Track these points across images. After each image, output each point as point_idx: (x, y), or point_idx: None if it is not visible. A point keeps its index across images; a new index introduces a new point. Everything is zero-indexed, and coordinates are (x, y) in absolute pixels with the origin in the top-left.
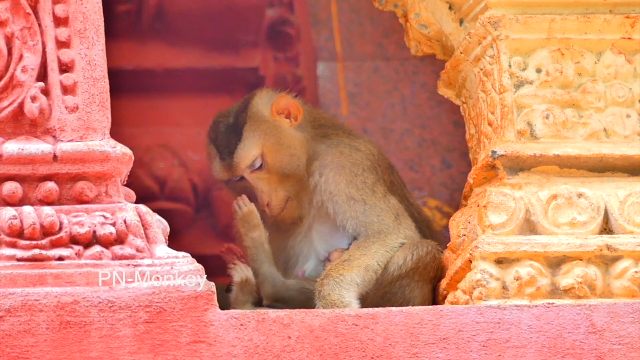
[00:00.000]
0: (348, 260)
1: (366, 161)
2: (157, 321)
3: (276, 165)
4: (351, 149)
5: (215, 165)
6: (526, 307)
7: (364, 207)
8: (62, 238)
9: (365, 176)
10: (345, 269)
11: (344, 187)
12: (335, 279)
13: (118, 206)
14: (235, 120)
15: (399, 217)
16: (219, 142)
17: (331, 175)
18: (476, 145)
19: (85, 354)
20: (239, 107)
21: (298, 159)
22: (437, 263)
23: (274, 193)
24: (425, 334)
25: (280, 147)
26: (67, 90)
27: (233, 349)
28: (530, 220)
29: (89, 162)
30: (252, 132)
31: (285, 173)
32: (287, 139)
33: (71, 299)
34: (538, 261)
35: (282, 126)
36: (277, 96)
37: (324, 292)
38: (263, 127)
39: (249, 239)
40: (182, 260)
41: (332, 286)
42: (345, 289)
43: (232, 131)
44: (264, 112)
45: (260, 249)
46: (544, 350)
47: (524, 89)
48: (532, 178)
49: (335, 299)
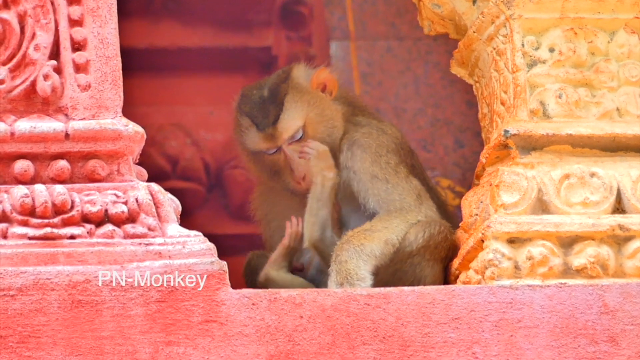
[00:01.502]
0: (370, 230)
1: (391, 144)
2: (168, 300)
3: (316, 137)
4: (378, 130)
5: (251, 136)
6: (538, 287)
7: (387, 186)
8: (74, 217)
9: (389, 157)
10: (366, 239)
11: (369, 166)
12: (356, 247)
13: (130, 185)
14: (273, 92)
15: (420, 197)
16: (255, 113)
17: (358, 153)
18: (489, 124)
19: (96, 333)
20: (276, 80)
21: (337, 131)
22: (449, 243)
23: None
24: (437, 314)
25: (323, 119)
26: (80, 69)
27: (245, 328)
28: (543, 200)
29: (101, 140)
30: (295, 102)
31: (325, 144)
32: (328, 110)
33: (83, 278)
34: (550, 241)
35: (323, 98)
36: (315, 70)
37: (342, 257)
38: (306, 98)
39: (321, 177)
40: (194, 239)
41: (351, 253)
42: (363, 261)
43: (270, 102)
44: (305, 83)
45: (328, 191)
46: (556, 330)
47: (537, 68)
48: (544, 157)
49: (351, 267)
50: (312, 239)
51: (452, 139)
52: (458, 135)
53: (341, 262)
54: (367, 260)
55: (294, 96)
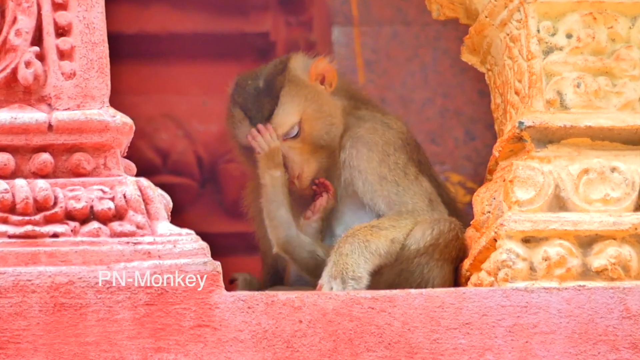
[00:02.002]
0: (377, 227)
1: (397, 140)
2: (158, 303)
3: (313, 135)
4: (383, 125)
5: (244, 130)
6: (555, 289)
7: (397, 189)
8: (57, 213)
9: (397, 156)
10: (372, 235)
11: (376, 166)
12: (360, 242)
13: (117, 180)
14: (268, 84)
15: (432, 201)
16: (249, 106)
17: (364, 151)
18: (502, 115)
19: (80, 338)
20: (272, 70)
21: (336, 128)
22: (460, 242)
23: (306, 164)
24: (447, 319)
25: (321, 115)
26: (64, 56)
27: (240, 333)
28: (560, 197)
29: (86, 132)
30: (291, 97)
31: (320, 144)
32: (327, 106)
33: (66, 279)
34: (568, 240)
35: (321, 92)
36: (313, 60)
37: (344, 249)
38: (303, 92)
39: (269, 178)
40: (185, 237)
41: (354, 247)
42: (365, 258)
43: (265, 95)
44: (303, 76)
45: (280, 190)
46: (574, 336)
47: (554, 55)
48: (562, 151)
49: (350, 262)
50: (279, 242)
51: (463, 130)
52: (469, 126)
53: (341, 255)
54: (369, 259)
55: (291, 90)
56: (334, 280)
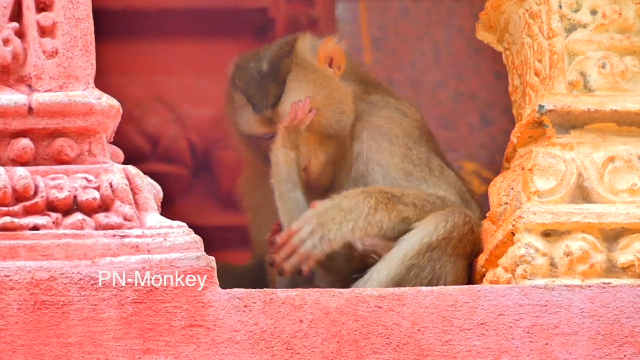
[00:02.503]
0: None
1: (414, 129)
2: (147, 301)
3: (322, 123)
4: (399, 113)
5: (246, 117)
6: (578, 287)
7: (426, 184)
8: (38, 204)
9: (419, 150)
10: (387, 205)
11: (399, 162)
12: (368, 206)
13: (103, 167)
14: (274, 67)
15: (461, 195)
16: (252, 91)
17: (385, 145)
18: (521, 98)
19: (62, 339)
20: (277, 52)
21: (347, 117)
22: (475, 236)
23: (314, 155)
24: (460, 318)
25: (330, 102)
26: (45, 32)
27: (235, 334)
28: (583, 186)
29: (69, 115)
30: (299, 82)
31: (329, 133)
32: (337, 92)
33: (47, 275)
34: (592, 234)
35: (331, 76)
36: (322, 41)
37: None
38: (312, 77)
39: (284, 156)
40: (177, 230)
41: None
42: (356, 226)
43: (270, 80)
44: (311, 59)
45: (295, 171)
46: (598, 337)
47: (577, 33)
48: (585, 137)
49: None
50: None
51: (478, 115)
52: (485, 111)
53: (338, 206)
54: (362, 228)
55: (299, 74)
56: (308, 227)
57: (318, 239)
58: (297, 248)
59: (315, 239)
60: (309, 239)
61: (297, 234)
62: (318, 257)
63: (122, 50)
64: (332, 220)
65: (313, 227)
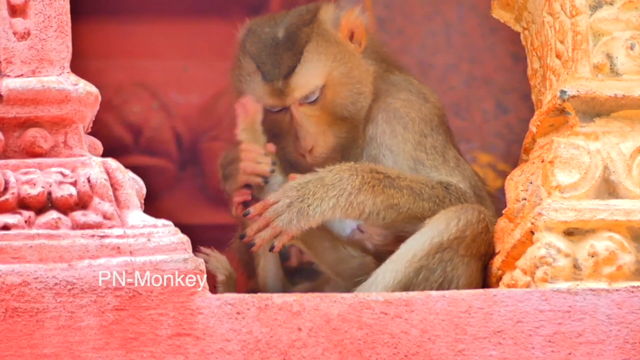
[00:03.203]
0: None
1: (434, 116)
2: (129, 308)
3: (336, 103)
4: (419, 97)
5: (254, 85)
6: (604, 291)
7: (438, 174)
8: (8, 201)
9: (435, 138)
10: (374, 188)
11: (411, 149)
12: (351, 186)
13: (80, 160)
14: (291, 35)
15: (476, 191)
16: (263, 58)
17: (399, 129)
18: (540, 83)
19: (37, 349)
20: (297, 20)
21: (365, 99)
22: (491, 236)
23: (322, 137)
24: (475, 326)
25: (349, 81)
26: (16, 11)
27: (227, 344)
28: (610, 180)
29: (43, 103)
30: (318, 54)
31: (343, 115)
32: (357, 70)
33: (19, 280)
34: (619, 233)
35: (352, 53)
36: (344, 12)
37: (328, 178)
38: (332, 51)
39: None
40: (162, 230)
41: (340, 185)
42: (336, 204)
43: (286, 48)
44: (333, 31)
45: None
46: (626, 346)
47: (603, 11)
48: (612, 126)
49: (319, 197)
50: None
51: (493, 102)
52: (500, 97)
53: (321, 180)
54: (342, 207)
55: (318, 46)
56: (286, 200)
57: (295, 213)
58: (271, 221)
59: (292, 212)
60: (285, 212)
61: (273, 205)
62: (294, 234)
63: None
64: (313, 194)
65: (291, 199)
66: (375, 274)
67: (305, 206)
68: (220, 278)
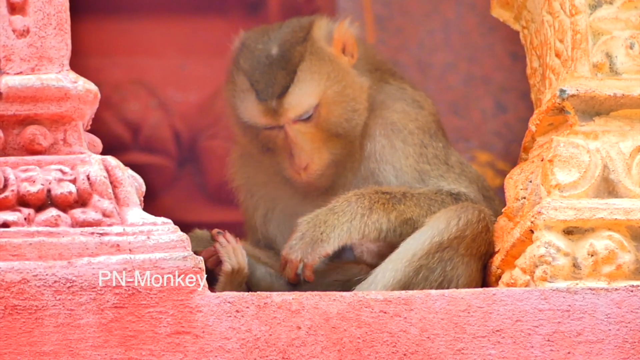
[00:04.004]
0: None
1: (431, 123)
2: (128, 306)
3: (330, 121)
4: (414, 105)
5: (247, 104)
6: (603, 290)
7: (446, 183)
8: (8, 198)
9: (435, 146)
10: (385, 206)
11: (414, 163)
12: (363, 207)
13: (79, 158)
14: (285, 54)
15: (487, 198)
16: (257, 77)
17: (398, 144)
18: (540, 82)
19: (36, 347)
20: (290, 37)
21: (359, 116)
22: (491, 235)
23: (317, 154)
24: (474, 325)
25: (343, 99)
26: (15, 9)
27: (226, 342)
28: (609, 179)
29: (42, 101)
30: (312, 74)
31: (337, 132)
32: (351, 88)
33: (19, 277)
34: (619, 232)
35: (346, 69)
36: (336, 25)
37: (339, 206)
38: (326, 70)
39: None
40: (161, 227)
41: (350, 210)
42: (351, 228)
43: (280, 67)
44: (327, 47)
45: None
46: (625, 345)
47: (602, 10)
48: (611, 125)
49: (330, 224)
50: None
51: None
52: (499, 96)
53: (331, 210)
54: (359, 230)
55: (312, 65)
56: (298, 234)
57: (309, 243)
58: (288, 256)
59: (305, 243)
60: (299, 244)
61: (289, 243)
62: (314, 262)
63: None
64: (324, 223)
65: (303, 232)
66: (374, 272)
67: (318, 234)
68: (226, 268)
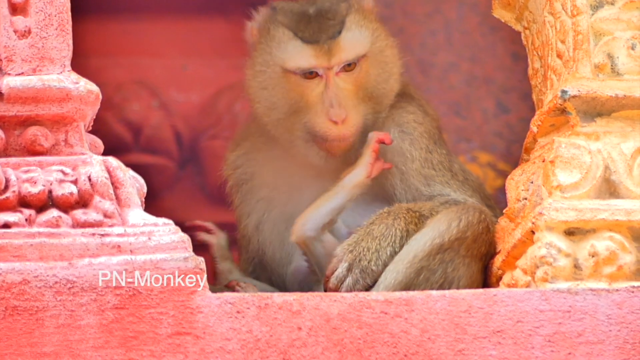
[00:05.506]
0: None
1: (435, 129)
2: (129, 307)
3: (370, 77)
4: (420, 110)
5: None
6: (604, 291)
7: (450, 190)
8: (9, 199)
9: (439, 152)
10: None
11: (419, 167)
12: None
13: (81, 159)
14: (331, 8)
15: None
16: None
17: (406, 147)
18: (541, 83)
19: (37, 348)
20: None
21: (394, 82)
22: (491, 236)
23: (354, 112)
24: (475, 326)
25: (383, 58)
26: (17, 10)
27: (227, 343)
28: (610, 180)
29: (44, 101)
30: (359, 26)
31: (373, 93)
32: (390, 50)
33: (20, 278)
34: (620, 233)
35: (388, 34)
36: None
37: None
38: (371, 26)
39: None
40: (162, 228)
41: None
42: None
43: (327, 17)
44: (370, 8)
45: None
46: (626, 346)
47: (604, 11)
48: (613, 126)
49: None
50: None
51: (494, 101)
52: (501, 96)
53: (369, 234)
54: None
55: (359, 19)
56: (344, 264)
57: (359, 274)
58: (337, 289)
59: (355, 274)
60: (349, 277)
61: (334, 274)
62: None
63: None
64: (368, 250)
65: (349, 262)
66: None
67: (365, 263)
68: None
